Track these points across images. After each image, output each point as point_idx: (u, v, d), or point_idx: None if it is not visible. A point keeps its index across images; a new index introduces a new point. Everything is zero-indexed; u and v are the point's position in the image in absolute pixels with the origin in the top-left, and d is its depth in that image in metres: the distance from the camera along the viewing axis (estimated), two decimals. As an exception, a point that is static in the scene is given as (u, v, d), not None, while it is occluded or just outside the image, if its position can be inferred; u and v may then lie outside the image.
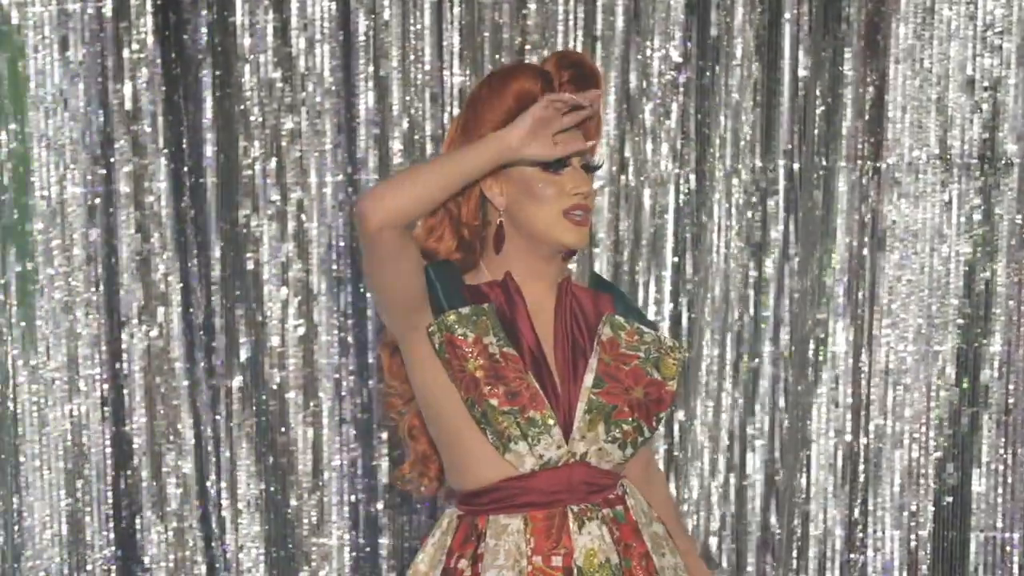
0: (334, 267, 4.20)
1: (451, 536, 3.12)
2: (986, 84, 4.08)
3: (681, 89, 4.14)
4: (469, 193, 3.07)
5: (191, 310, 4.22)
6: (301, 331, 4.22)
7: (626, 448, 3.03)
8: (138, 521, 4.26)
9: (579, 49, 4.13)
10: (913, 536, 4.15)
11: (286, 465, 4.25)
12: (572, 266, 3.18)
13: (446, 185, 2.95)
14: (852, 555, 4.17)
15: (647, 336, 3.10)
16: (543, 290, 3.10)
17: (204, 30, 4.16)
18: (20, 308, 4.22)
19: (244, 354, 4.23)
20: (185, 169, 4.19)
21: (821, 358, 4.15)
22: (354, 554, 4.24)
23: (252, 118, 4.18)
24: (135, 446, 4.25)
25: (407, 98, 4.17)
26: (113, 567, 4.27)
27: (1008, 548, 4.13)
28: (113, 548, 4.26)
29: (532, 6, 4.14)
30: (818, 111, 4.12)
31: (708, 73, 4.13)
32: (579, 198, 3.01)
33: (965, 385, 4.15)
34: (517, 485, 3.04)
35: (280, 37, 4.18)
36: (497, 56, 4.12)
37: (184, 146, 4.19)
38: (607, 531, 3.02)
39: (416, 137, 4.17)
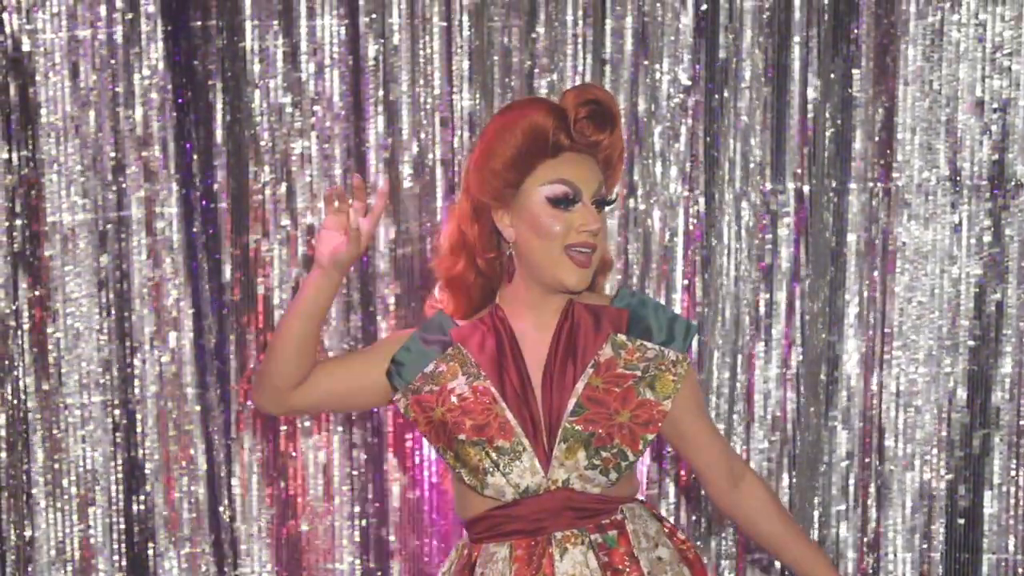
0: (344, 291, 4.21)
1: (456, 565, 3.15)
2: (995, 106, 4.08)
3: (690, 112, 4.14)
4: (481, 224, 3.09)
5: (203, 335, 4.22)
6: (312, 356, 4.22)
7: (608, 473, 3.03)
8: (150, 547, 4.26)
9: (587, 73, 4.14)
10: (925, 558, 4.15)
11: (297, 489, 4.25)
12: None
13: (291, 334, 3.06)
14: None
15: (649, 352, 3.09)
16: (543, 318, 3.10)
17: (214, 56, 4.17)
18: (32, 334, 4.22)
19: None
20: (196, 194, 4.20)
21: (832, 380, 4.15)
22: (366, 578, 4.25)
23: (262, 143, 4.19)
24: (147, 472, 4.25)
25: (417, 122, 4.18)
26: (125, 592, 4.27)
27: (1020, 570, 4.13)
28: (125, 574, 4.26)
29: (541, 30, 4.15)
30: (828, 133, 4.12)
31: (717, 96, 4.13)
32: (586, 235, 3.02)
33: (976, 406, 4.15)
34: (502, 514, 3.06)
35: (290, 62, 4.19)
36: (507, 80, 4.13)
37: (195, 171, 4.20)
38: (593, 556, 3.02)
39: (426, 161, 4.17)
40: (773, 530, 3.19)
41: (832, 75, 4.10)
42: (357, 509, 4.24)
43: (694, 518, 4.20)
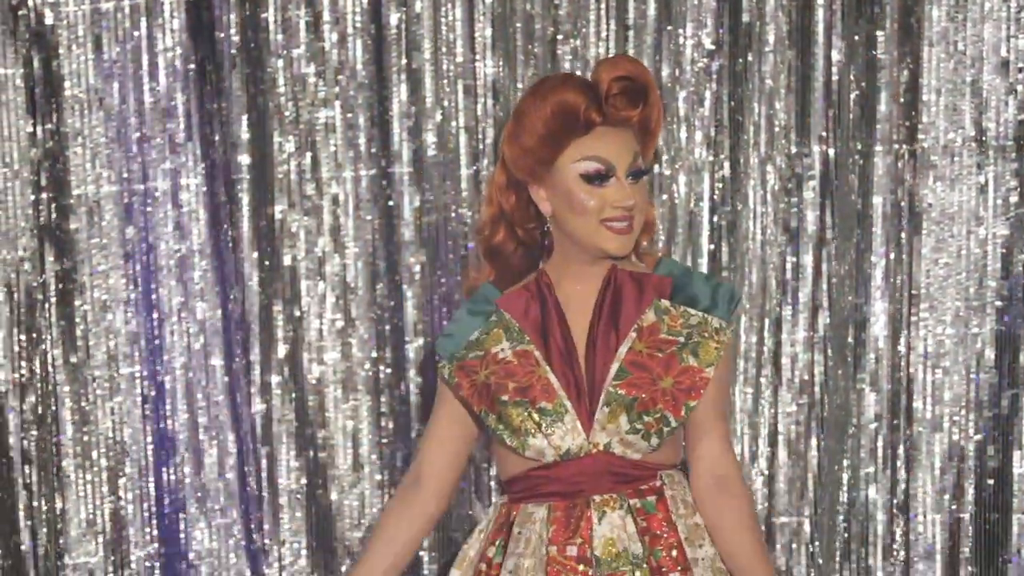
0: (370, 260, 4.21)
1: (493, 524, 3.16)
2: (1021, 66, 4.07)
3: (714, 76, 4.14)
4: (518, 195, 3.10)
5: (229, 306, 4.23)
6: (339, 325, 4.23)
7: (650, 438, 3.03)
8: (181, 517, 4.28)
9: (611, 39, 4.13)
10: (954, 519, 4.15)
11: (326, 459, 4.26)
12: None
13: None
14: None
15: (693, 319, 3.09)
16: (586, 285, 3.11)
17: (237, 27, 4.17)
18: (59, 307, 4.23)
19: (282, 349, 4.24)
20: (220, 166, 4.20)
21: (860, 343, 4.15)
22: (396, 547, 4.25)
23: (286, 113, 4.19)
24: (177, 443, 4.26)
25: (440, 90, 4.17)
26: (156, 564, 4.28)
27: (1051, 530, 4.13)
28: (156, 545, 4.28)
29: (564, -4, 4.15)
30: (852, 96, 4.11)
31: (741, 60, 4.12)
32: (620, 211, 3.02)
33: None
34: (541, 475, 3.07)
35: (312, 32, 4.19)
36: (530, 46, 4.12)
37: (218, 143, 4.20)
38: (631, 521, 3.03)
39: (450, 129, 4.17)
40: (736, 550, 3.14)
41: (856, 37, 4.09)
42: (387, 477, 4.25)
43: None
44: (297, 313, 4.23)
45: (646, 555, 3.02)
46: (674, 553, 3.03)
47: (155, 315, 4.23)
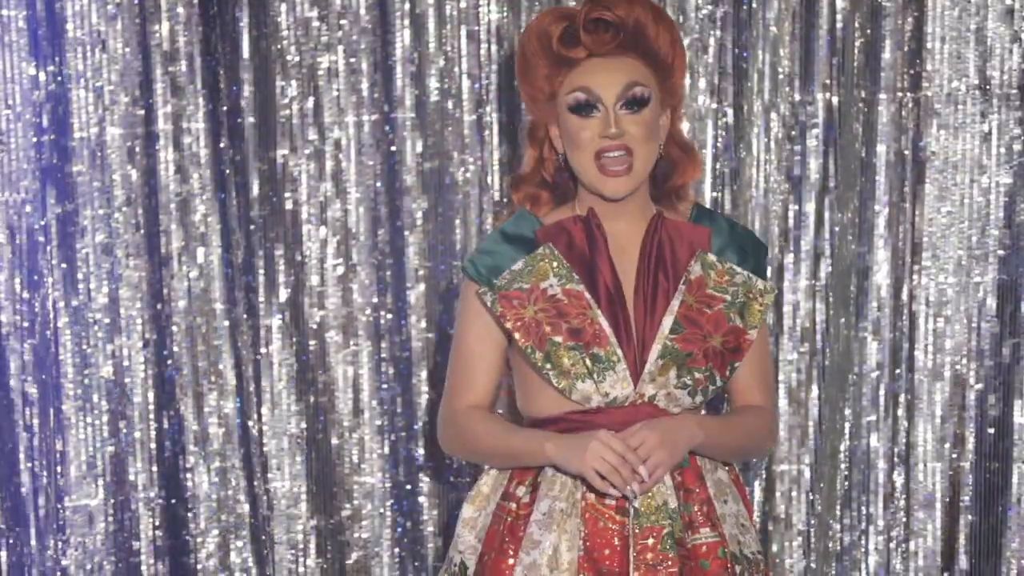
0: (372, 206, 4.21)
1: None
2: (1026, 14, 4.06)
3: (718, 23, 4.12)
4: (544, 132, 3.11)
5: (230, 250, 4.23)
6: (340, 270, 4.23)
7: (696, 396, 3.03)
8: (181, 461, 4.28)
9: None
10: (955, 468, 4.14)
11: (327, 404, 4.25)
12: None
13: (493, 463, 3.15)
14: None
15: (738, 277, 3.08)
16: (628, 227, 3.09)
17: (240, -30, 4.17)
18: (60, 250, 4.23)
19: (284, 294, 4.24)
20: (223, 109, 4.20)
21: (862, 291, 4.14)
22: (395, 492, 4.25)
23: (289, 58, 4.18)
24: (177, 386, 4.26)
25: (443, 35, 4.16)
26: (157, 507, 4.28)
27: (1051, 477, 4.13)
28: (157, 488, 4.28)
29: (568, -59, 4.13)
30: (856, 43, 4.09)
31: (745, 6, 4.11)
32: (607, 141, 3.01)
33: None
34: (581, 419, 3.05)
35: (316, -24, 4.18)
36: (533, -8, 4.12)
37: (221, 86, 4.19)
38: (669, 475, 3.02)
39: (454, 73, 4.16)
40: (738, 419, 3.17)
41: (861, -16, 4.08)
42: (387, 423, 4.25)
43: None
44: (298, 258, 4.22)
45: (681, 509, 3.02)
46: (705, 508, 3.04)
47: (156, 259, 4.23)
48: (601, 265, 3.06)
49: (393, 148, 4.20)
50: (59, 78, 4.19)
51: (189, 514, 4.28)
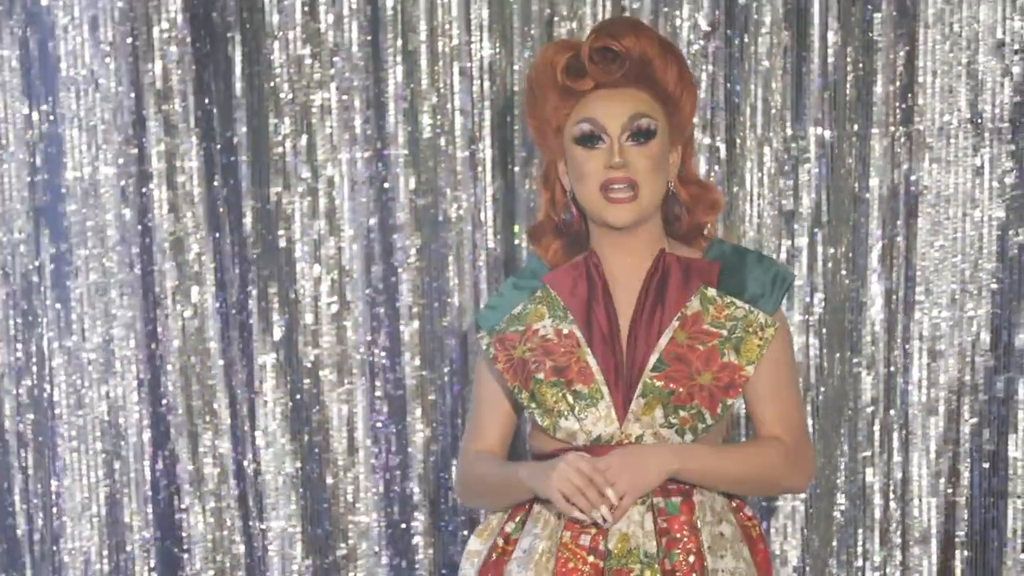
0: (365, 243, 4.21)
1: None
2: (1016, 47, 4.06)
3: (710, 58, 4.13)
4: (555, 173, 3.10)
5: (225, 289, 4.23)
6: (334, 308, 4.23)
7: (684, 435, 2.97)
8: (176, 501, 4.27)
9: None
10: (949, 503, 4.14)
11: (321, 443, 4.25)
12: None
13: (495, 503, 3.13)
14: None
15: (738, 311, 3.00)
16: (634, 263, 3.05)
17: (232, 7, 4.17)
18: (54, 290, 4.23)
19: (278, 332, 4.24)
20: (216, 147, 4.20)
21: (856, 326, 4.14)
22: (390, 531, 4.24)
23: (282, 95, 4.19)
24: (172, 426, 4.26)
25: (436, 72, 4.17)
26: (152, 548, 4.28)
27: (1047, 512, 4.12)
28: (152, 529, 4.27)
29: (560, -22, 4.15)
30: (849, 77, 4.10)
31: (737, 41, 4.12)
32: (612, 172, 2.99)
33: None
34: None
35: (308, 13, 4.19)
36: (526, 28, 4.12)
37: (215, 124, 4.20)
38: (651, 519, 2.97)
39: (446, 110, 4.17)
40: (747, 450, 3.09)
41: (852, 19, 4.09)
42: (381, 461, 4.24)
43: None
44: (292, 296, 4.22)
45: (660, 556, 2.96)
46: (691, 559, 2.96)
47: (150, 298, 4.23)
48: (595, 304, 3.04)
49: (386, 185, 4.21)
50: (52, 117, 4.20)
51: (184, 555, 4.27)
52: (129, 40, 4.17)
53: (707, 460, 2.98)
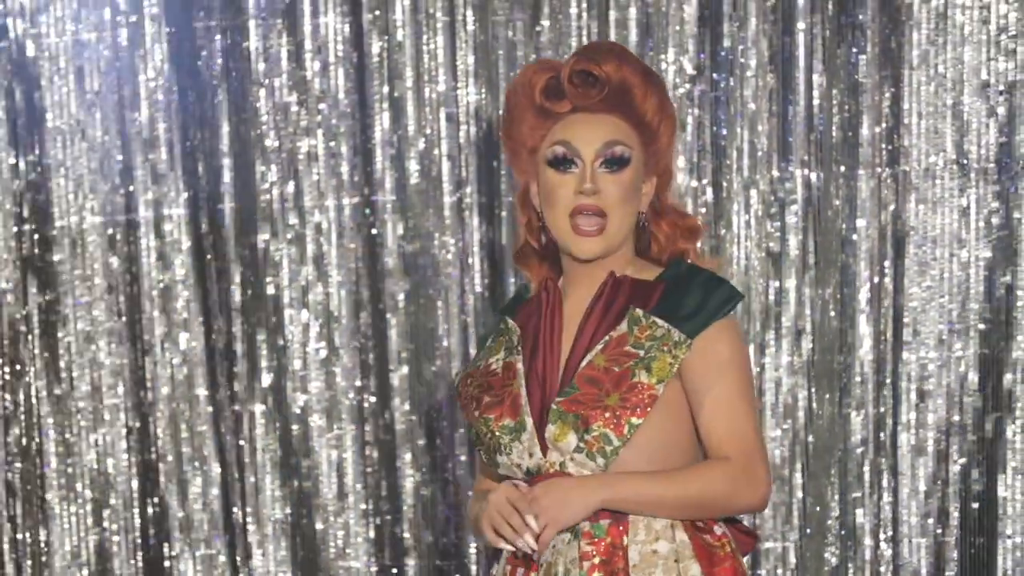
0: (353, 289, 4.22)
1: None
2: (1001, 88, 4.08)
3: (696, 101, 4.15)
4: (526, 196, 3.07)
5: (213, 336, 4.23)
6: (323, 354, 4.23)
7: (595, 458, 2.91)
8: (166, 548, 4.27)
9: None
10: (939, 543, 4.15)
11: (311, 489, 4.25)
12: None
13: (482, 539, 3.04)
14: None
15: (658, 331, 2.92)
16: (587, 290, 3.02)
17: (218, 56, 4.18)
18: (43, 339, 4.23)
19: (266, 379, 4.24)
20: (203, 195, 4.21)
21: (845, 367, 4.15)
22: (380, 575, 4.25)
23: (268, 142, 4.20)
24: (161, 474, 4.26)
25: (422, 118, 4.18)
26: (142, 595, 4.28)
27: (1037, 553, 4.13)
28: (141, 576, 4.28)
29: (545, 23, 4.15)
30: (835, 119, 4.12)
31: (723, 84, 4.13)
32: (583, 198, 2.96)
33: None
34: None
35: (294, 61, 4.20)
36: (512, 73, 4.13)
37: (201, 172, 4.21)
38: (576, 546, 2.95)
39: (433, 155, 4.18)
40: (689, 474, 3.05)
41: (837, 61, 4.10)
42: (371, 506, 4.24)
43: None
44: (281, 342, 4.23)
45: None
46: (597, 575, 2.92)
47: (139, 346, 4.23)
48: (540, 335, 3.02)
49: (374, 231, 4.21)
50: (39, 167, 4.20)
51: (175, 602, 4.28)
52: (115, 89, 4.18)
53: (639, 487, 2.91)
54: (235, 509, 4.25)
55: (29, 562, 4.26)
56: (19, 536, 4.27)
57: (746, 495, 2.99)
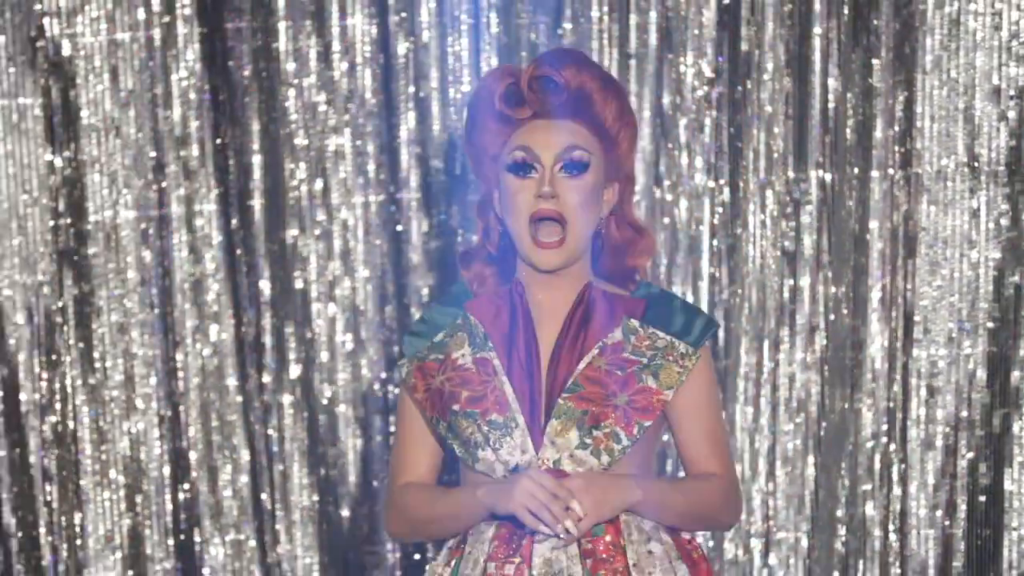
0: (379, 283, 4.31)
1: (454, 539, 3.10)
2: (1012, 93, 4.15)
3: (714, 104, 4.23)
4: (490, 202, 3.07)
5: (243, 329, 4.33)
6: (349, 346, 4.33)
7: (600, 455, 2.91)
8: (196, 534, 4.38)
9: (613, 68, 4.21)
10: (947, 535, 4.23)
11: (337, 477, 4.35)
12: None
13: (439, 530, 3.02)
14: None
15: (660, 341, 2.96)
16: (558, 297, 2.96)
17: (249, 56, 4.27)
18: (77, 330, 4.33)
19: (294, 370, 4.34)
20: (234, 192, 4.30)
21: (856, 363, 4.23)
22: (405, 563, 4.35)
23: (297, 141, 4.29)
24: (192, 461, 4.36)
25: (447, 118, 4.27)
26: (172, 578, 4.39)
27: (1042, 546, 4.22)
28: (173, 561, 4.37)
29: (568, 26, 4.24)
30: (849, 122, 4.20)
31: (740, 87, 4.21)
32: (542, 202, 2.89)
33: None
34: None
35: (323, 61, 4.28)
36: (534, 77, 4.21)
37: (232, 169, 4.30)
38: (576, 543, 2.91)
39: (457, 155, 4.26)
40: (687, 485, 3.01)
41: (852, 65, 4.18)
42: (395, 494, 4.33)
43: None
44: (308, 335, 4.33)
45: None
46: None
47: (170, 337, 4.33)
48: (516, 333, 2.97)
49: (399, 228, 4.31)
50: (74, 163, 4.30)
51: (205, 585, 4.39)
52: (148, 88, 4.27)
53: (664, 494, 2.95)
54: (264, 496, 4.36)
55: (65, 545, 4.37)
56: (55, 520, 4.37)
57: (730, 514, 3.07)
